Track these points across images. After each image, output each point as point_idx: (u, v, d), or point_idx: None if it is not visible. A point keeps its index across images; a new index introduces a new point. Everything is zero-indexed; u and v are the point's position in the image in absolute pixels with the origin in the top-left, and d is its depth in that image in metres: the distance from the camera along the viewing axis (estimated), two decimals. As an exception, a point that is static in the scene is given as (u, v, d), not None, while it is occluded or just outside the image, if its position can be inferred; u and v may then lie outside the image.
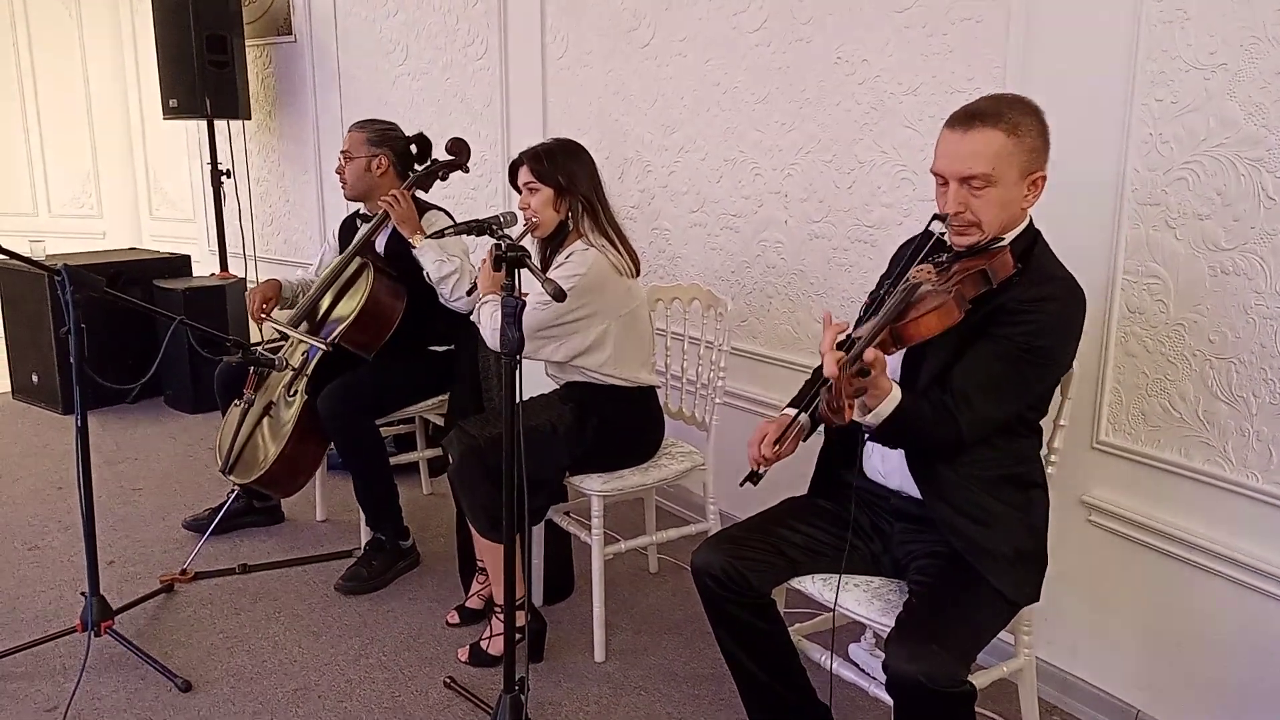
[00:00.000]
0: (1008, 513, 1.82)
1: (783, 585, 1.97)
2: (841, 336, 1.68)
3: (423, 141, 3.18)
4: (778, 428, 1.90)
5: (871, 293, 2.07)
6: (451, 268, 2.92)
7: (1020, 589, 1.82)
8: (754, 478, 1.86)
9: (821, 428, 2.04)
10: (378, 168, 3.10)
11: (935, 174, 1.81)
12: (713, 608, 1.95)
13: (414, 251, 2.93)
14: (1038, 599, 1.88)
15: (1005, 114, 1.73)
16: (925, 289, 1.72)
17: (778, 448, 1.86)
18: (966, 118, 1.75)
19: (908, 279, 1.76)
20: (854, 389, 1.56)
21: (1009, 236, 1.80)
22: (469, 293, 2.89)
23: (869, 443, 1.92)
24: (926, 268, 1.76)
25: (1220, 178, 1.99)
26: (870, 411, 1.67)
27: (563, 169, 2.52)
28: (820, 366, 2.10)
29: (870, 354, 1.57)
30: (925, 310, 1.65)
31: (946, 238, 1.85)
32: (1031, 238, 1.83)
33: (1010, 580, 1.79)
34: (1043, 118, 1.77)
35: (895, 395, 1.66)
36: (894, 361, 1.84)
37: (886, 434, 1.74)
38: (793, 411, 1.98)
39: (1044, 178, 1.79)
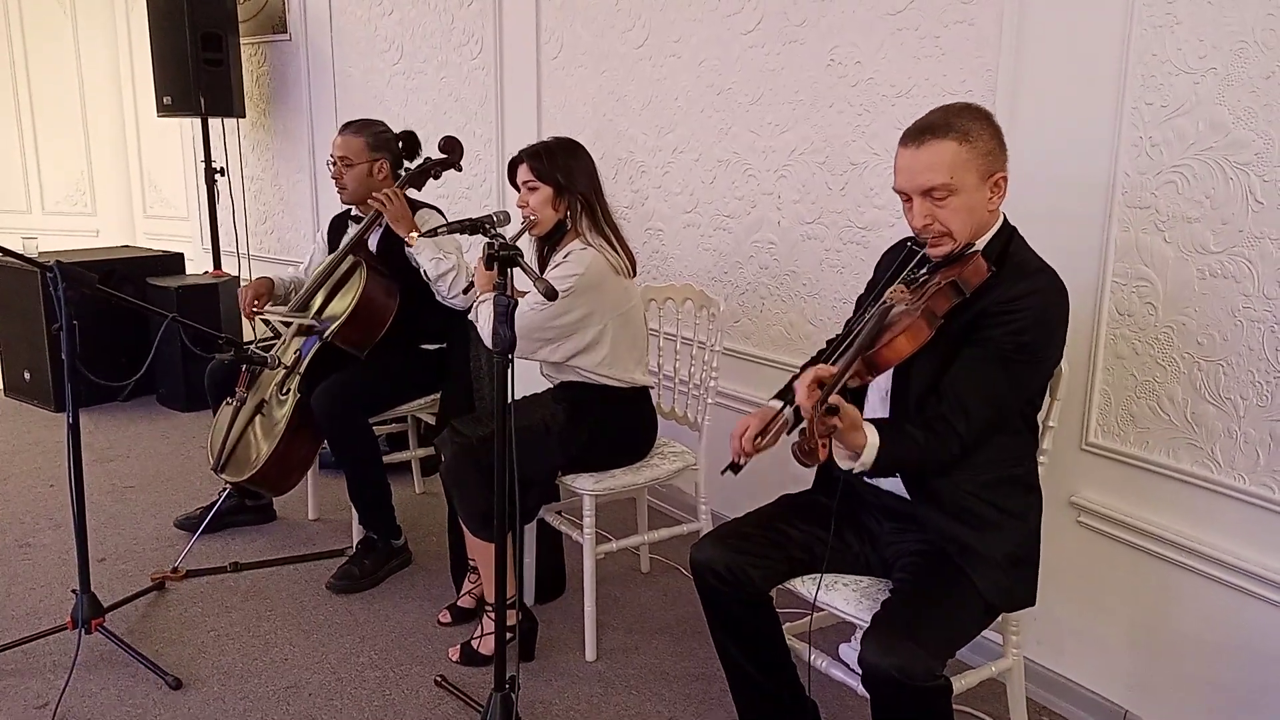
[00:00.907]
0: (1005, 519, 1.83)
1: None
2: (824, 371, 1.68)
3: (411, 139, 3.18)
4: (760, 421, 1.90)
5: (859, 298, 2.07)
6: (449, 265, 2.92)
7: (1007, 594, 1.82)
8: (734, 468, 1.88)
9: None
10: (379, 172, 3.11)
11: (898, 192, 1.83)
12: (712, 604, 1.96)
13: (409, 249, 2.94)
14: (1033, 603, 1.88)
15: (954, 123, 1.76)
16: (897, 310, 1.73)
17: (759, 440, 1.87)
18: (917, 133, 1.78)
19: (883, 301, 1.77)
20: (825, 428, 1.56)
21: (982, 241, 1.82)
22: (465, 290, 2.90)
23: None
24: (900, 288, 1.78)
25: (1209, 181, 2.00)
26: (858, 459, 1.69)
27: (562, 168, 2.52)
28: (813, 358, 2.12)
29: (836, 398, 1.57)
30: (894, 334, 1.66)
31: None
32: (1006, 236, 1.84)
33: (996, 585, 1.79)
34: (993, 120, 1.80)
35: (873, 443, 1.68)
36: (884, 377, 1.85)
37: (881, 472, 1.75)
38: (777, 404, 1.98)
39: (1005, 178, 1.81)
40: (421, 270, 2.94)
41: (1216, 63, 1.97)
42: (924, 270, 1.83)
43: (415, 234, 2.92)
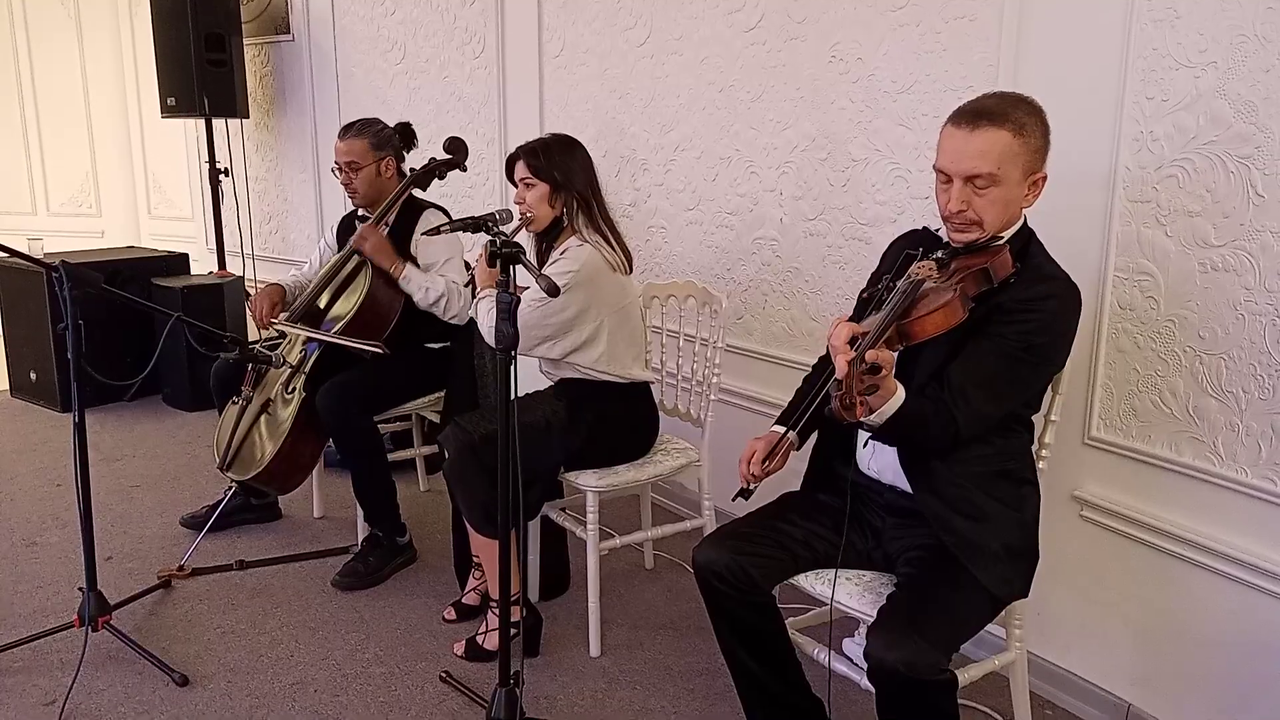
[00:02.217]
0: (1000, 510, 1.83)
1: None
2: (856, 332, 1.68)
3: (406, 130, 3.19)
4: (766, 445, 1.93)
5: (864, 289, 2.07)
6: (438, 292, 2.96)
7: (1008, 585, 1.83)
8: (745, 494, 1.93)
9: (813, 437, 2.05)
10: (386, 170, 3.12)
11: (939, 170, 1.80)
12: (715, 605, 1.96)
13: (400, 283, 2.96)
14: (1026, 594, 1.89)
15: (1011, 114, 1.73)
16: (929, 286, 1.72)
17: (767, 464, 1.90)
18: (974, 115, 1.74)
19: (910, 275, 1.76)
20: (865, 386, 1.55)
21: (1006, 235, 1.81)
22: (466, 285, 2.92)
23: (865, 438, 1.94)
24: (928, 264, 1.76)
25: (1210, 175, 2.00)
26: (874, 411, 1.67)
27: (559, 165, 2.53)
28: (810, 375, 2.13)
29: (873, 354, 1.56)
30: (931, 309, 1.65)
31: (943, 234, 1.86)
32: (1026, 236, 1.84)
33: (997, 576, 1.80)
34: (1045, 118, 1.78)
35: (900, 396, 1.67)
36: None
37: (887, 433, 1.74)
38: (781, 429, 2.00)
39: (1044, 178, 1.80)
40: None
41: (1217, 56, 1.97)
42: (943, 253, 1.82)
43: (399, 266, 2.95)
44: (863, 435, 1.95)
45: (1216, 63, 1.97)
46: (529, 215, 2.55)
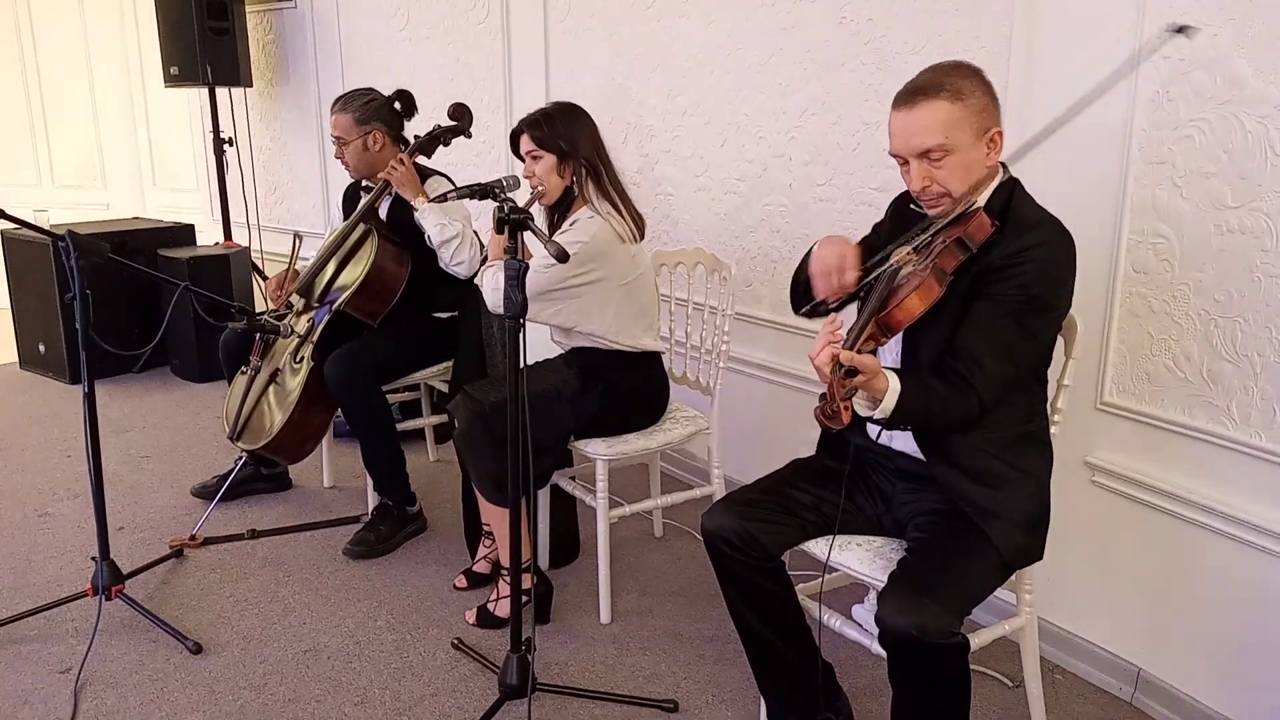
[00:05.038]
0: (1020, 477, 1.82)
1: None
2: (838, 336, 1.67)
3: (406, 98, 3.16)
4: (857, 256, 1.85)
5: (864, 239, 2.03)
6: (454, 231, 2.91)
7: (1025, 552, 1.83)
8: (823, 308, 1.87)
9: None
10: (374, 144, 3.09)
11: (893, 155, 1.82)
12: (724, 570, 1.96)
13: (416, 215, 2.93)
14: (1041, 558, 1.89)
15: (945, 82, 1.74)
16: (905, 272, 1.73)
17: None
18: (909, 95, 1.76)
19: (890, 265, 1.76)
20: (845, 390, 1.57)
21: (983, 196, 1.80)
22: (482, 262, 2.90)
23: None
24: (906, 250, 1.77)
25: (1227, 135, 1.97)
26: (878, 407, 1.67)
27: (563, 134, 2.50)
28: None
29: (848, 356, 1.57)
30: (905, 294, 1.66)
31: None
32: (1008, 190, 1.82)
33: (1015, 545, 1.80)
34: (984, 76, 1.77)
35: (894, 388, 1.66)
36: (893, 344, 1.85)
37: (899, 423, 1.74)
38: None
39: (1000, 132, 1.78)
40: (426, 236, 2.94)
41: (1235, 14, 1.93)
42: (927, 231, 1.81)
43: (422, 199, 2.92)
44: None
45: (1235, 20, 1.93)
46: (540, 188, 2.53)
